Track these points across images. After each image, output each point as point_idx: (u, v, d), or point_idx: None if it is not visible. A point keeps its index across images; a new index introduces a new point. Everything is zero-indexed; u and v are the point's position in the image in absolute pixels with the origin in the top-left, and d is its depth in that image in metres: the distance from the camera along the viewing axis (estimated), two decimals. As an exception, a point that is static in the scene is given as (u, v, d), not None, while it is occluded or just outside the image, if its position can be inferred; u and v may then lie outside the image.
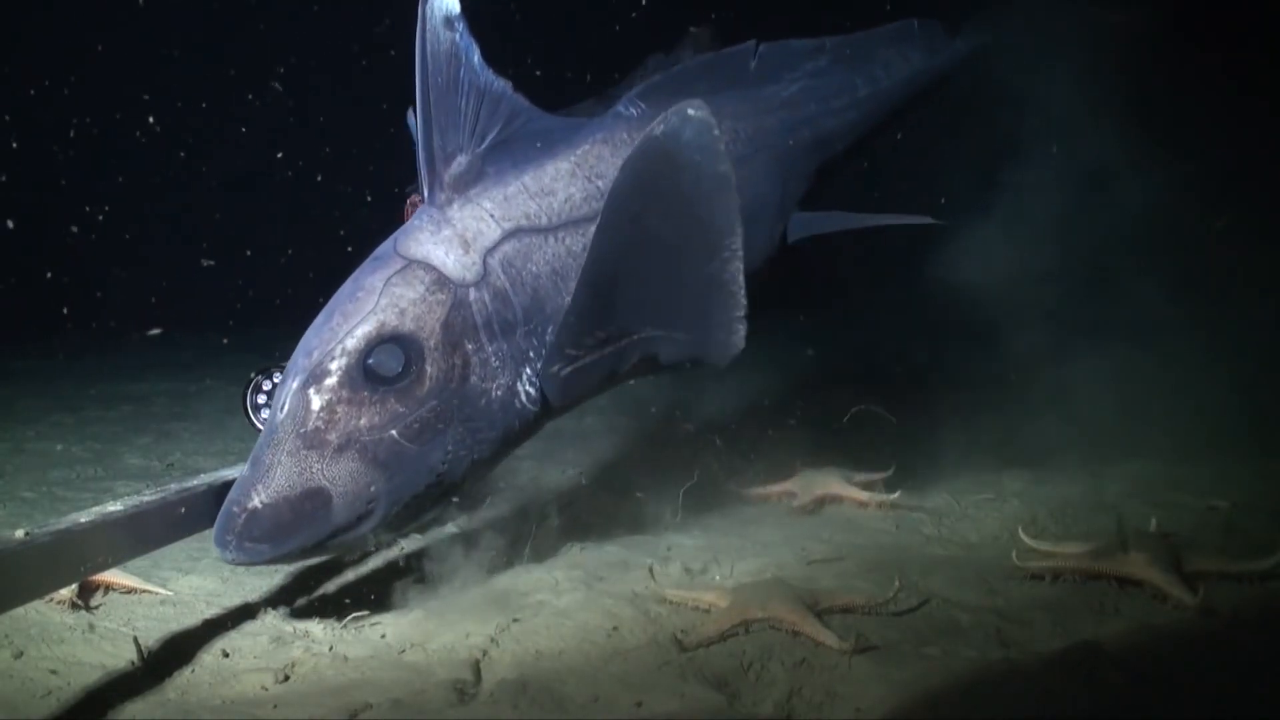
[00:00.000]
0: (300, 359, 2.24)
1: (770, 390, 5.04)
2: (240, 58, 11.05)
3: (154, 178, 12.61)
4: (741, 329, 2.26)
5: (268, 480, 2.11)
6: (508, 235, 2.41)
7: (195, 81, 12.14)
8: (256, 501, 2.10)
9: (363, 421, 2.16)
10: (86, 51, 11.69)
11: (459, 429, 2.27)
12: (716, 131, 2.11)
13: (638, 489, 3.28)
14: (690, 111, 2.08)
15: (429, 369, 2.22)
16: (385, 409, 2.18)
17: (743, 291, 2.23)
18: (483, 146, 2.47)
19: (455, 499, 2.52)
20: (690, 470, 3.37)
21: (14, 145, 9.55)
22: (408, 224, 2.46)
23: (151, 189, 12.62)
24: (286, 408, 2.18)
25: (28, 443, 4.76)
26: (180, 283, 9.61)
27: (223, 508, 2.15)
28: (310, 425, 2.15)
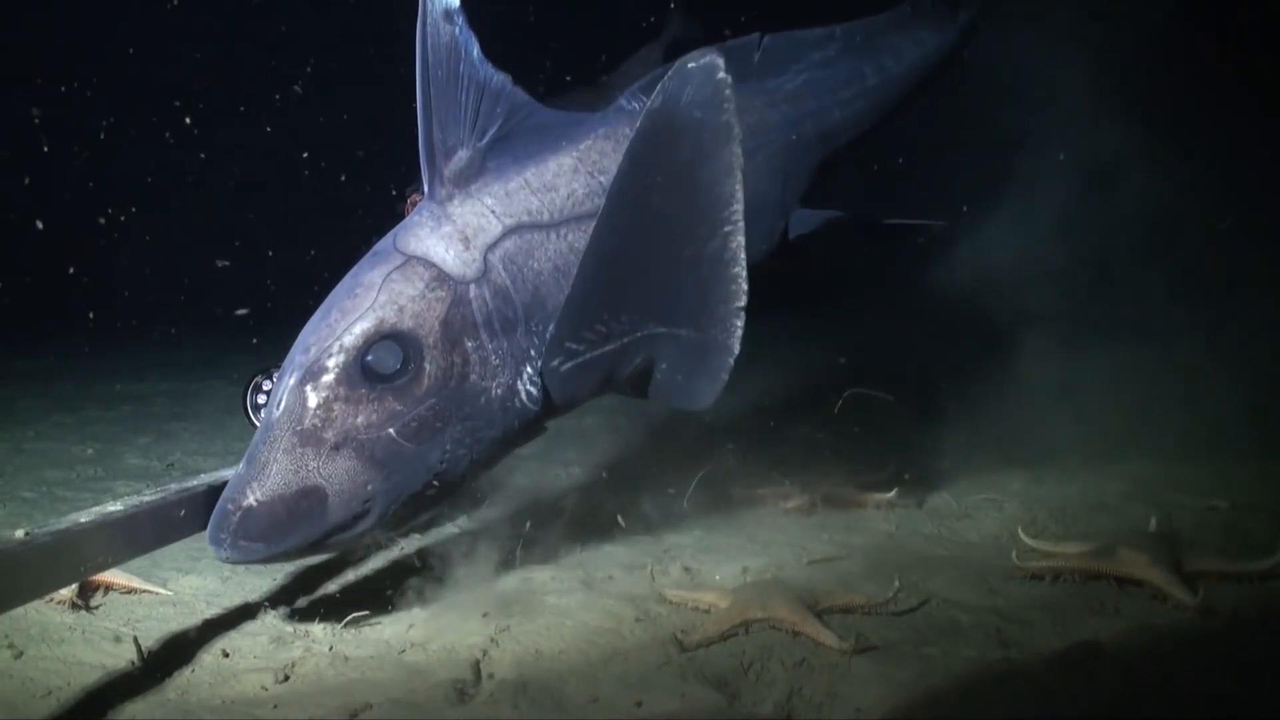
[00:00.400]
0: (297, 355, 2.22)
1: (771, 390, 5.04)
2: (264, 57, 11.03)
3: (176, 178, 12.61)
4: (739, 324, 2.20)
5: (263, 478, 2.09)
6: (509, 231, 2.38)
7: (218, 81, 12.15)
8: (251, 500, 2.08)
9: (360, 419, 2.15)
10: (107, 51, 11.69)
11: (458, 428, 2.25)
12: (722, 74, 2.04)
13: (638, 488, 3.29)
14: (690, 65, 2.02)
15: (428, 367, 2.20)
16: (383, 407, 2.16)
17: (744, 276, 2.18)
18: (483, 141, 2.44)
19: (454, 498, 2.51)
20: (690, 469, 3.37)
21: (45, 149, 9.54)
22: (408, 219, 2.43)
23: (172, 189, 12.62)
24: (283, 405, 2.16)
25: (28, 443, 4.76)
26: (198, 282, 9.59)
27: (217, 505, 2.13)
28: (307, 423, 2.13)
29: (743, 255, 2.18)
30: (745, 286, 2.19)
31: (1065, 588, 2.36)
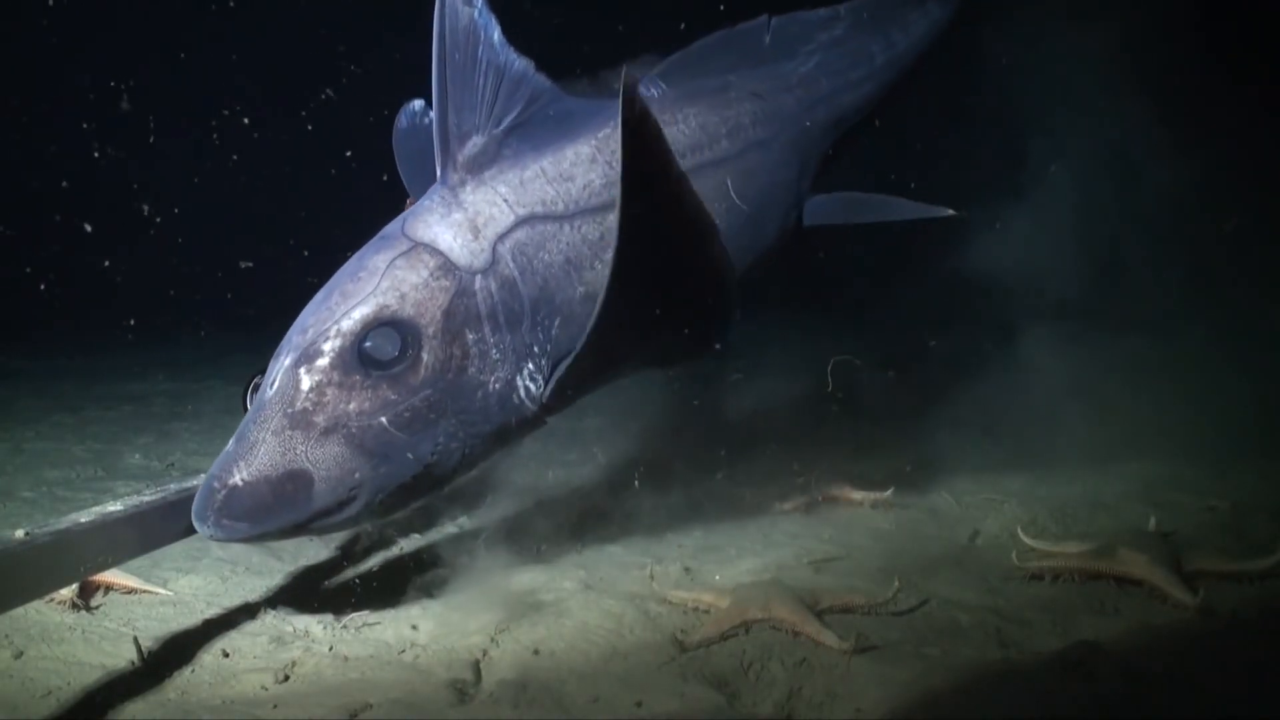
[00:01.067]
0: (295, 336, 2.19)
1: (772, 390, 5.04)
2: (295, 57, 10.97)
3: (210, 181, 12.60)
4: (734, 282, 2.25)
5: (250, 458, 2.07)
6: (521, 221, 2.33)
7: (250, 83, 12.12)
8: (237, 479, 2.06)
9: (352, 406, 2.11)
10: (130, 49, 11.66)
11: (452, 421, 2.22)
12: (637, 90, 2.08)
13: (639, 488, 3.28)
14: (621, 96, 2.01)
15: (425, 357, 2.17)
16: (377, 395, 2.13)
17: (707, 215, 2.24)
18: (500, 128, 2.38)
19: (446, 491, 2.49)
20: (691, 468, 3.37)
21: (96, 155, 9.50)
22: (418, 204, 2.39)
23: (202, 190, 12.60)
24: (276, 385, 2.13)
25: (28, 443, 4.76)
26: (226, 283, 9.56)
27: (204, 482, 2.11)
28: (298, 405, 2.10)
29: (699, 201, 2.23)
30: (713, 221, 2.23)
31: (1065, 588, 2.36)
